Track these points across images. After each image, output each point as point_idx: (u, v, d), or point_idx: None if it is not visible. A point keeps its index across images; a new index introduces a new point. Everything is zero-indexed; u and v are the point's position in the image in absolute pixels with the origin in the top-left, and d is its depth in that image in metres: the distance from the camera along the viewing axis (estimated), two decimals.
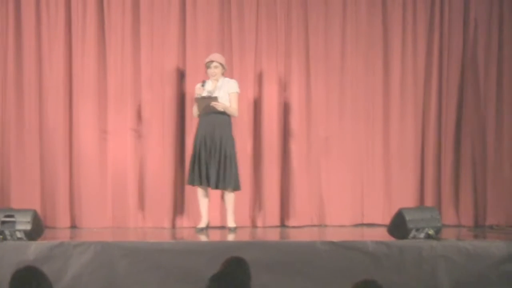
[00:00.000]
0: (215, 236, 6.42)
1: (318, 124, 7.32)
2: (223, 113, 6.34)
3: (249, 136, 7.24)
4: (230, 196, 6.44)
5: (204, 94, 6.33)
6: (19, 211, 5.51)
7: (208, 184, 6.34)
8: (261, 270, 4.93)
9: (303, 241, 5.60)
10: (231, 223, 6.49)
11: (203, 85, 6.39)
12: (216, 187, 6.38)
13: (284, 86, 7.33)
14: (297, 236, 6.55)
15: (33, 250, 5.19)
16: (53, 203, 7.02)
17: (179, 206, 7.18)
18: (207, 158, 6.31)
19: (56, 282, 5.10)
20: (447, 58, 7.39)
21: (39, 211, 6.15)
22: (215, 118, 6.32)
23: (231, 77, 7.18)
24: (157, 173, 7.13)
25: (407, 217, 5.57)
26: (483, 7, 7.40)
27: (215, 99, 6.26)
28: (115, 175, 7.11)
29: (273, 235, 6.66)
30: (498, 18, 7.41)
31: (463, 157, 7.37)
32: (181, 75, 7.24)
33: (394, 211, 5.88)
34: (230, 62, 7.20)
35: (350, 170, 7.33)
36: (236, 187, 6.42)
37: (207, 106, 6.28)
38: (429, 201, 7.27)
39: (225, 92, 6.37)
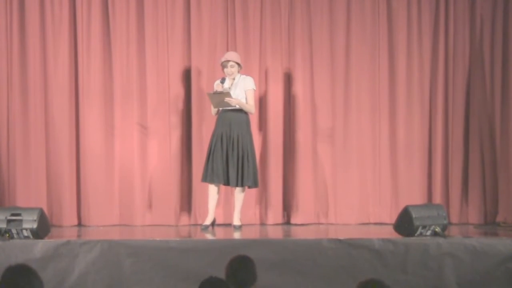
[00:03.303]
0: (221, 234, 6.42)
1: (324, 122, 7.31)
2: (240, 110, 6.37)
3: (254, 134, 7.21)
4: (241, 195, 6.47)
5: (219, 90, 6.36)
6: (25, 209, 5.52)
7: (223, 182, 6.36)
8: (267, 268, 4.94)
9: (309, 239, 5.59)
10: (237, 221, 6.50)
11: (222, 82, 6.44)
12: (237, 185, 6.39)
13: (289, 83, 7.33)
14: (303, 234, 6.54)
15: (39, 249, 5.20)
16: (60, 201, 7.03)
17: (185, 204, 7.19)
18: (224, 156, 6.33)
19: (62, 280, 5.13)
20: (452, 54, 7.37)
21: (45, 209, 6.15)
22: (232, 116, 6.35)
23: None
24: (163, 171, 7.14)
25: (414, 214, 5.56)
26: (489, 3, 7.37)
27: (227, 94, 6.28)
28: (121, 174, 7.12)
29: (278, 233, 6.66)
30: (504, 14, 7.38)
31: (471, 154, 7.35)
32: (186, 73, 7.23)
33: (401, 208, 5.86)
34: None
35: (357, 167, 7.32)
36: (254, 184, 6.47)
37: (221, 102, 6.29)
38: (437, 199, 7.25)
39: (241, 89, 6.41)
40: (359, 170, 7.33)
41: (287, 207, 7.27)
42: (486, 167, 7.35)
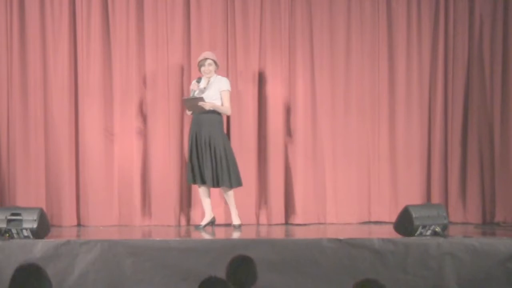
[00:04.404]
0: (220, 233, 6.41)
1: (323, 121, 7.31)
2: (213, 111, 6.34)
3: (253, 133, 7.24)
4: (228, 194, 6.45)
5: (196, 92, 6.35)
6: (25, 209, 5.52)
7: (205, 183, 6.37)
8: (267, 268, 4.93)
9: (309, 239, 5.59)
10: (235, 220, 6.51)
11: (198, 81, 6.42)
12: (213, 185, 6.39)
13: (288, 83, 7.32)
14: (303, 233, 6.54)
15: (39, 249, 5.19)
16: (59, 201, 7.03)
17: (185, 204, 7.19)
18: (200, 157, 6.35)
19: (62, 280, 5.12)
20: (452, 54, 7.38)
21: (45, 209, 6.15)
22: (203, 117, 6.33)
23: (236, 74, 7.20)
24: (163, 171, 7.13)
25: (414, 214, 5.56)
26: (488, 3, 7.38)
27: (201, 99, 6.27)
28: (121, 173, 7.12)
29: (278, 233, 6.65)
30: (503, 14, 7.39)
31: (470, 153, 7.35)
32: (186, 73, 7.23)
33: (401, 208, 5.86)
34: (234, 59, 7.21)
35: (356, 167, 7.32)
36: (234, 184, 6.40)
37: (195, 106, 6.30)
38: (436, 199, 7.25)
39: (216, 90, 6.38)
40: (359, 170, 7.33)
41: (287, 207, 7.27)
42: (485, 167, 7.35)
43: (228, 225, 6.97)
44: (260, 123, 7.28)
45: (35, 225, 5.35)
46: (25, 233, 5.35)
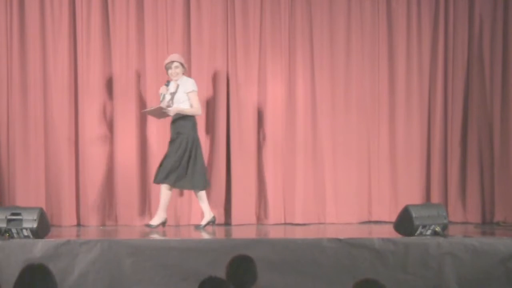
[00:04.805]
0: (220, 233, 6.41)
1: (323, 121, 7.31)
2: (183, 115, 6.31)
3: (253, 133, 7.24)
4: (197, 195, 6.42)
5: (166, 96, 6.33)
6: (25, 209, 5.52)
7: (168, 182, 6.35)
8: (267, 268, 4.93)
9: (309, 239, 5.59)
10: (203, 220, 6.46)
11: (167, 85, 6.40)
12: (173, 186, 6.35)
13: (288, 83, 7.32)
14: (303, 233, 6.54)
15: (39, 248, 5.19)
16: (59, 201, 7.03)
17: (185, 203, 7.18)
18: (167, 157, 6.35)
19: (62, 280, 5.12)
20: (452, 54, 7.38)
21: (45, 209, 6.15)
22: (175, 121, 6.35)
23: (236, 74, 7.20)
24: None
25: (414, 214, 5.56)
26: (488, 3, 7.38)
27: (160, 108, 6.30)
28: (121, 173, 7.11)
29: (279, 233, 6.65)
30: (503, 14, 7.39)
31: (469, 153, 7.36)
32: (186, 73, 7.21)
33: (400, 208, 5.87)
34: (234, 59, 7.20)
35: (356, 167, 7.33)
36: (197, 187, 6.34)
37: (161, 114, 6.34)
38: (435, 198, 7.26)
39: (183, 92, 6.36)
40: (359, 170, 7.33)
41: (287, 207, 7.27)
42: (485, 167, 7.36)
43: (228, 225, 6.99)
44: (260, 123, 7.28)
45: (35, 225, 5.35)
46: (25, 233, 5.35)
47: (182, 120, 6.32)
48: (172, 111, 6.28)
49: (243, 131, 7.21)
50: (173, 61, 6.40)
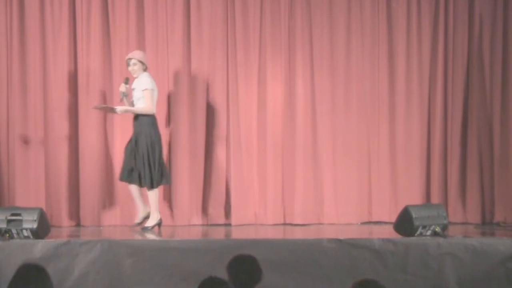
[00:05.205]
0: (220, 233, 6.41)
1: (323, 121, 7.31)
2: (139, 113, 6.33)
3: (253, 133, 7.24)
4: (148, 193, 6.38)
5: (123, 93, 6.36)
6: (25, 209, 5.52)
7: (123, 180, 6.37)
8: (267, 268, 4.90)
9: (309, 239, 5.59)
10: (149, 222, 6.39)
11: (125, 82, 6.41)
12: (130, 182, 6.33)
13: (288, 83, 7.32)
14: (303, 233, 6.54)
15: (39, 249, 5.20)
16: (59, 202, 7.03)
17: (186, 203, 7.18)
18: (124, 155, 6.37)
19: (62, 280, 5.12)
20: (452, 54, 7.38)
21: (44, 210, 6.14)
22: (135, 116, 6.36)
23: (236, 74, 7.20)
24: None
25: (414, 214, 5.56)
26: (488, 3, 7.38)
27: (106, 106, 6.44)
28: None
29: (279, 233, 6.66)
30: (503, 13, 7.39)
31: (469, 153, 7.36)
32: (186, 73, 7.23)
33: (401, 208, 5.87)
34: (234, 59, 7.20)
35: (356, 167, 7.32)
36: (145, 185, 6.31)
37: (112, 110, 6.38)
38: (435, 199, 7.26)
39: (139, 89, 6.36)
40: (359, 170, 7.33)
41: (287, 207, 7.26)
42: (485, 167, 7.36)
43: (228, 225, 6.99)
44: (260, 123, 7.28)
45: (35, 225, 5.35)
46: (25, 233, 5.36)
47: (140, 118, 6.31)
48: (119, 110, 6.30)
49: (243, 131, 7.21)
50: (130, 58, 6.40)
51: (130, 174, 6.30)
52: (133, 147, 6.29)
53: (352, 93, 7.36)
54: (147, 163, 6.24)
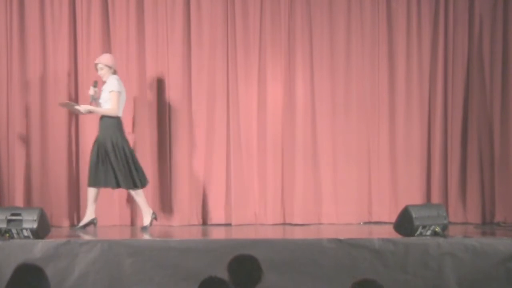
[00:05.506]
0: (220, 233, 6.41)
1: (323, 121, 7.31)
2: (104, 115, 6.35)
3: (253, 134, 7.24)
4: (132, 195, 6.43)
5: (91, 96, 6.41)
6: (25, 209, 5.53)
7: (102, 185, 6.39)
8: (267, 268, 4.91)
9: (309, 239, 5.60)
10: (145, 221, 6.46)
11: (94, 85, 6.45)
12: (105, 185, 6.37)
13: (288, 83, 7.32)
14: (303, 233, 6.54)
15: (39, 249, 5.20)
16: (59, 201, 7.02)
17: (185, 203, 7.18)
18: (99, 160, 6.36)
19: (62, 280, 5.13)
20: (452, 54, 7.38)
21: (44, 210, 6.14)
22: (100, 118, 6.39)
23: (236, 74, 7.20)
24: (162, 170, 7.13)
25: (414, 214, 5.56)
26: (488, 3, 7.38)
27: (69, 103, 6.49)
28: None
29: (279, 233, 6.66)
30: (503, 13, 7.39)
31: (470, 153, 7.36)
32: (186, 73, 7.22)
33: (400, 208, 5.87)
34: (234, 59, 7.21)
35: (356, 167, 7.32)
36: (125, 186, 6.34)
37: (74, 110, 6.43)
38: (436, 199, 7.26)
39: (106, 92, 6.39)
40: (359, 170, 7.33)
41: (287, 207, 7.26)
42: (485, 167, 7.35)
43: (228, 225, 6.99)
44: (260, 123, 7.28)
45: (35, 225, 5.35)
46: (25, 233, 5.36)
47: (105, 119, 6.34)
48: (82, 109, 6.34)
49: (243, 131, 7.21)
50: (97, 63, 6.47)
51: (105, 177, 6.29)
52: (100, 149, 6.30)
53: (352, 93, 7.36)
54: (115, 164, 6.26)
